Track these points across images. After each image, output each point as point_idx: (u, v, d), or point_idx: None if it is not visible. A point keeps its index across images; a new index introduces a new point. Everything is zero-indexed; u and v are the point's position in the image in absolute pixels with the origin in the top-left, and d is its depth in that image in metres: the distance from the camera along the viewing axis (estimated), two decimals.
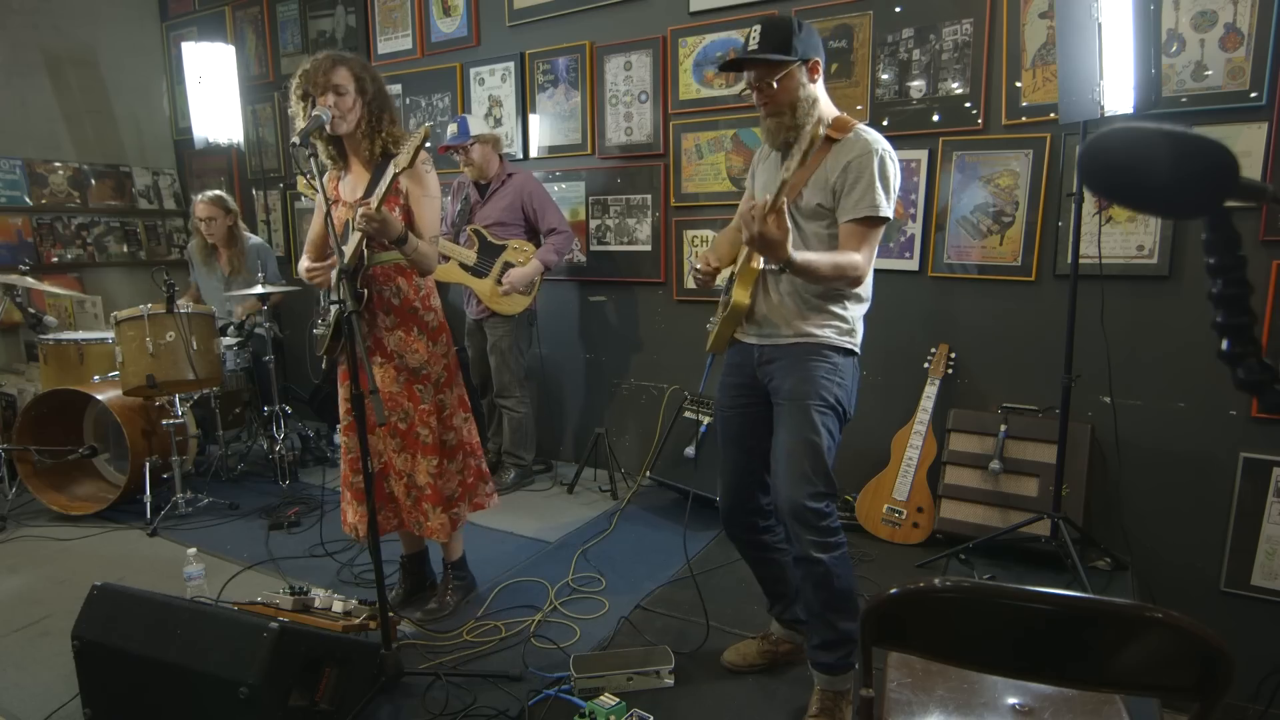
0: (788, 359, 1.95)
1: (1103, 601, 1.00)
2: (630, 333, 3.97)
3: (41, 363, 3.87)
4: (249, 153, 5.18)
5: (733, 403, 2.10)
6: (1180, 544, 2.77)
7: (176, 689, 1.80)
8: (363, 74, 2.27)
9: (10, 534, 3.31)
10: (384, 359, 2.35)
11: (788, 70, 1.83)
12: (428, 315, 2.38)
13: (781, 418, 1.95)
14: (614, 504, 3.60)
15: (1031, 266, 2.93)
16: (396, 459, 2.41)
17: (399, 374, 2.35)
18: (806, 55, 1.84)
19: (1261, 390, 0.71)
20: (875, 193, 1.81)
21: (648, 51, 3.64)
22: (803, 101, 1.86)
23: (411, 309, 2.35)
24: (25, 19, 4.71)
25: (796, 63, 1.83)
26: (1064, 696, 1.39)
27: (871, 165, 1.82)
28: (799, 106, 1.86)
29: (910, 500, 3.04)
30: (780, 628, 2.25)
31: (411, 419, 2.38)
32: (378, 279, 2.31)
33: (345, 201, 2.33)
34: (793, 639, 2.24)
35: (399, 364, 2.35)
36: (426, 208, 2.30)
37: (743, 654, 2.24)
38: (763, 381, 2.01)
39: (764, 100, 1.88)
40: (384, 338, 2.34)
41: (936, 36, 3.01)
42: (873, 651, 1.16)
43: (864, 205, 1.82)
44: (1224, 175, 0.67)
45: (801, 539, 1.85)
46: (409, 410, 2.37)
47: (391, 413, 2.36)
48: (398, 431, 2.38)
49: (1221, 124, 2.54)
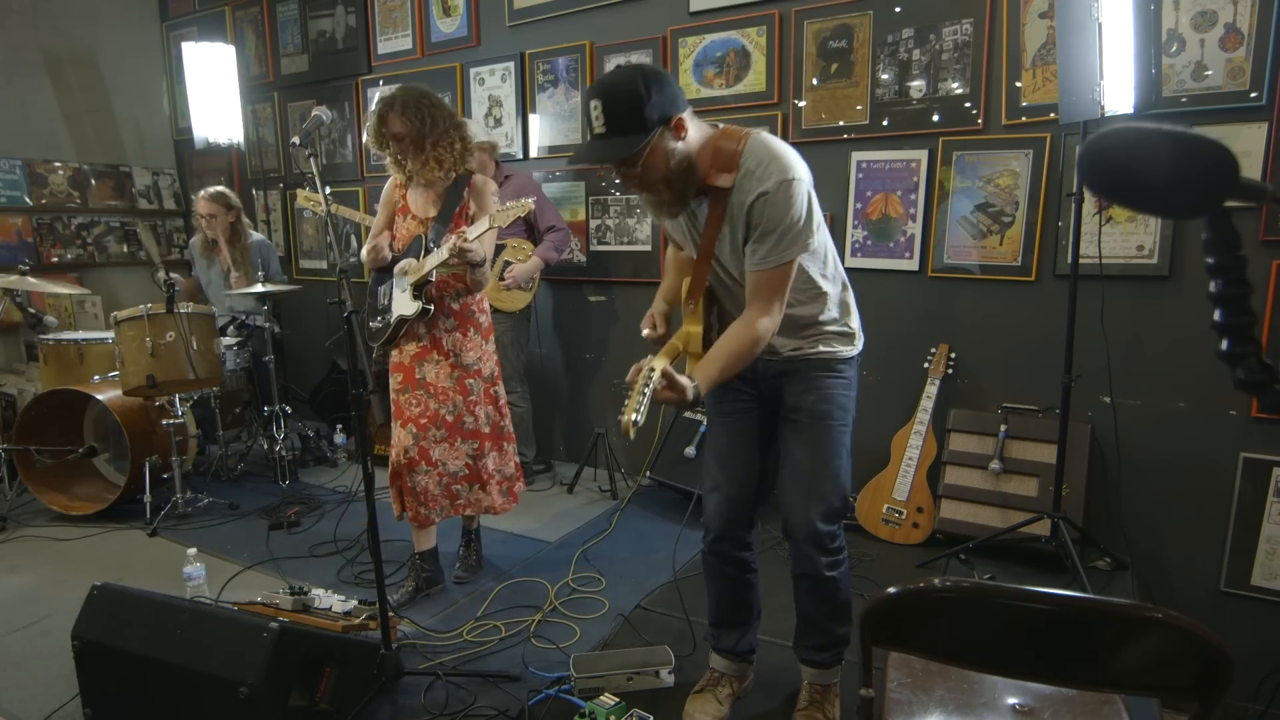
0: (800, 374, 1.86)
1: (1103, 601, 1.00)
2: (630, 333, 3.97)
3: (41, 363, 3.87)
4: (249, 153, 5.18)
5: (729, 408, 1.96)
6: (1180, 544, 2.77)
7: (176, 689, 1.81)
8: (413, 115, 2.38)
9: (10, 534, 3.31)
10: (440, 356, 2.57)
11: (648, 147, 1.57)
12: (481, 317, 2.64)
13: (798, 434, 1.85)
14: (614, 504, 3.60)
15: (1031, 266, 2.93)
16: (435, 449, 2.56)
17: (453, 370, 2.57)
18: (666, 116, 1.57)
19: (1261, 390, 0.71)
20: (788, 240, 1.63)
21: (648, 51, 3.64)
22: (674, 171, 1.62)
23: (469, 312, 2.60)
24: (25, 19, 4.71)
25: (655, 135, 1.57)
26: (1064, 696, 1.39)
27: (771, 208, 1.61)
28: (675, 178, 1.63)
29: (910, 500, 3.04)
30: (730, 663, 2.06)
31: (460, 411, 2.59)
32: (439, 285, 2.53)
33: (414, 215, 2.55)
34: (743, 672, 2.09)
35: (454, 361, 2.57)
36: (488, 238, 2.47)
37: (709, 713, 1.97)
38: (766, 391, 1.92)
39: (633, 182, 1.66)
40: (442, 338, 2.57)
41: (936, 36, 3.01)
42: (873, 651, 1.16)
43: (774, 257, 1.64)
44: (1224, 175, 0.67)
45: (813, 559, 1.83)
46: (459, 403, 2.58)
47: (441, 405, 2.56)
48: (444, 424, 2.57)
49: (1221, 124, 2.54)
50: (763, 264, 1.66)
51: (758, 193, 1.62)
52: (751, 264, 1.68)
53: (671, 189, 1.65)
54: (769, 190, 1.61)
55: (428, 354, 2.56)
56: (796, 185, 1.62)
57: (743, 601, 2.05)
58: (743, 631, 2.06)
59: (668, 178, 1.63)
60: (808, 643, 1.96)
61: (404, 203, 2.57)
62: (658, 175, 1.63)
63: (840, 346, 1.87)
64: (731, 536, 1.97)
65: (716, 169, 1.66)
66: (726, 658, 2.06)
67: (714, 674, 2.07)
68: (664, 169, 1.62)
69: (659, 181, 1.64)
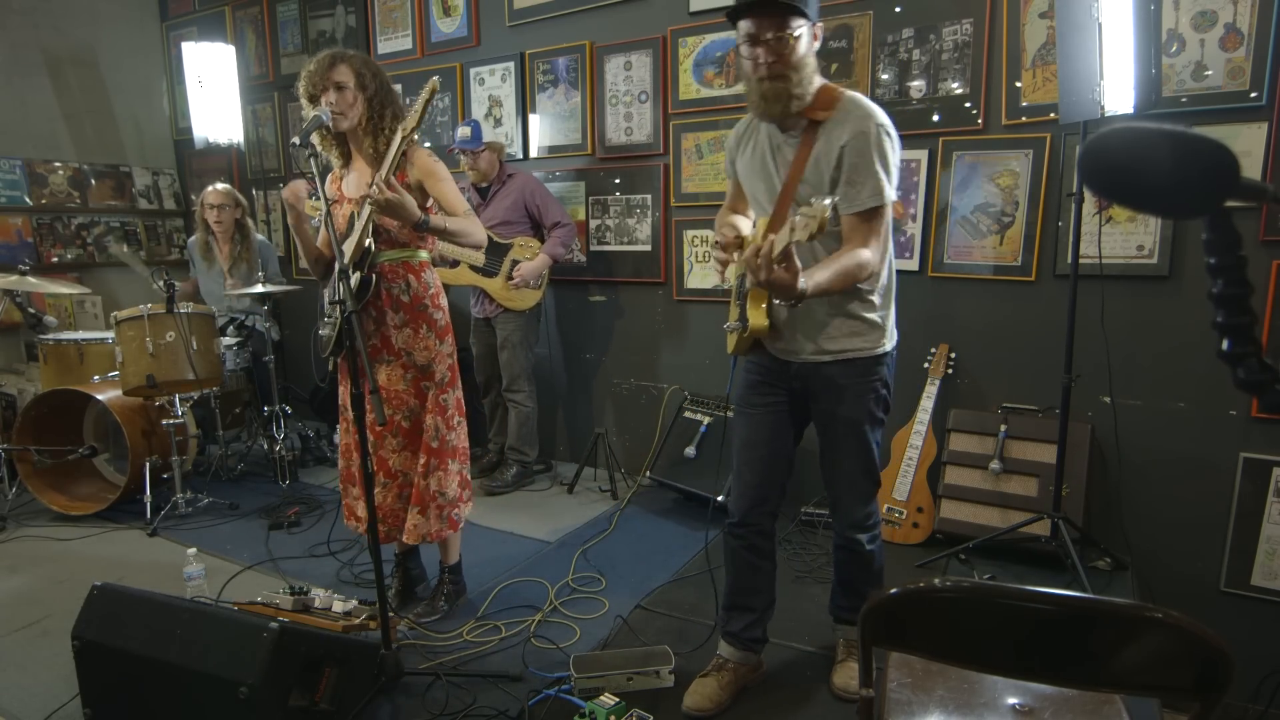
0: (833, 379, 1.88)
1: (1103, 601, 1.00)
2: (630, 333, 3.97)
3: (41, 363, 3.86)
4: (249, 153, 5.18)
5: (759, 400, 2.00)
6: (1180, 544, 2.77)
7: (176, 689, 1.80)
8: (363, 69, 2.24)
9: (10, 534, 3.31)
10: (391, 356, 2.34)
11: (799, 28, 1.65)
12: (436, 313, 2.38)
13: (836, 440, 1.96)
14: (614, 504, 3.60)
15: (1031, 266, 2.93)
16: (393, 459, 2.40)
17: (406, 371, 2.35)
18: (815, 18, 1.70)
19: (1261, 390, 0.71)
20: (877, 179, 1.68)
21: (648, 51, 3.64)
22: (806, 67, 1.69)
23: (420, 306, 2.34)
24: (25, 19, 4.71)
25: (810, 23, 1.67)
26: (1064, 696, 1.39)
27: (869, 148, 1.67)
28: (802, 71, 1.69)
29: (910, 500, 3.04)
30: (736, 650, 2.08)
31: (417, 417, 2.38)
32: (386, 276, 2.29)
33: (349, 198, 2.31)
34: (749, 660, 2.10)
35: (406, 361, 2.34)
36: (447, 189, 2.28)
37: (706, 695, 2.00)
38: (797, 388, 1.96)
39: (770, 58, 1.67)
40: (392, 335, 2.33)
41: (936, 36, 3.00)
42: (873, 651, 1.16)
43: (865, 196, 1.69)
44: (1224, 175, 0.67)
45: (854, 538, 2.03)
46: (414, 408, 2.37)
47: (396, 411, 2.35)
48: (400, 430, 2.38)
49: (1221, 124, 2.54)
50: (857, 205, 1.71)
51: (857, 130, 1.68)
52: (847, 207, 1.72)
53: (795, 82, 1.68)
54: (867, 131, 1.68)
55: (378, 354, 2.34)
56: (892, 135, 1.71)
57: (755, 588, 2.09)
58: (752, 617, 2.09)
59: (797, 66, 1.67)
60: (844, 603, 2.15)
61: (340, 194, 2.34)
62: (795, 61, 1.67)
63: (871, 344, 1.88)
64: (752, 523, 2.04)
65: (819, 102, 1.73)
66: (732, 644, 2.09)
67: (719, 660, 2.10)
68: (799, 56, 1.67)
69: (791, 68, 1.67)
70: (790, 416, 2.00)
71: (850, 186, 1.70)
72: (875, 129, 1.68)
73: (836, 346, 1.87)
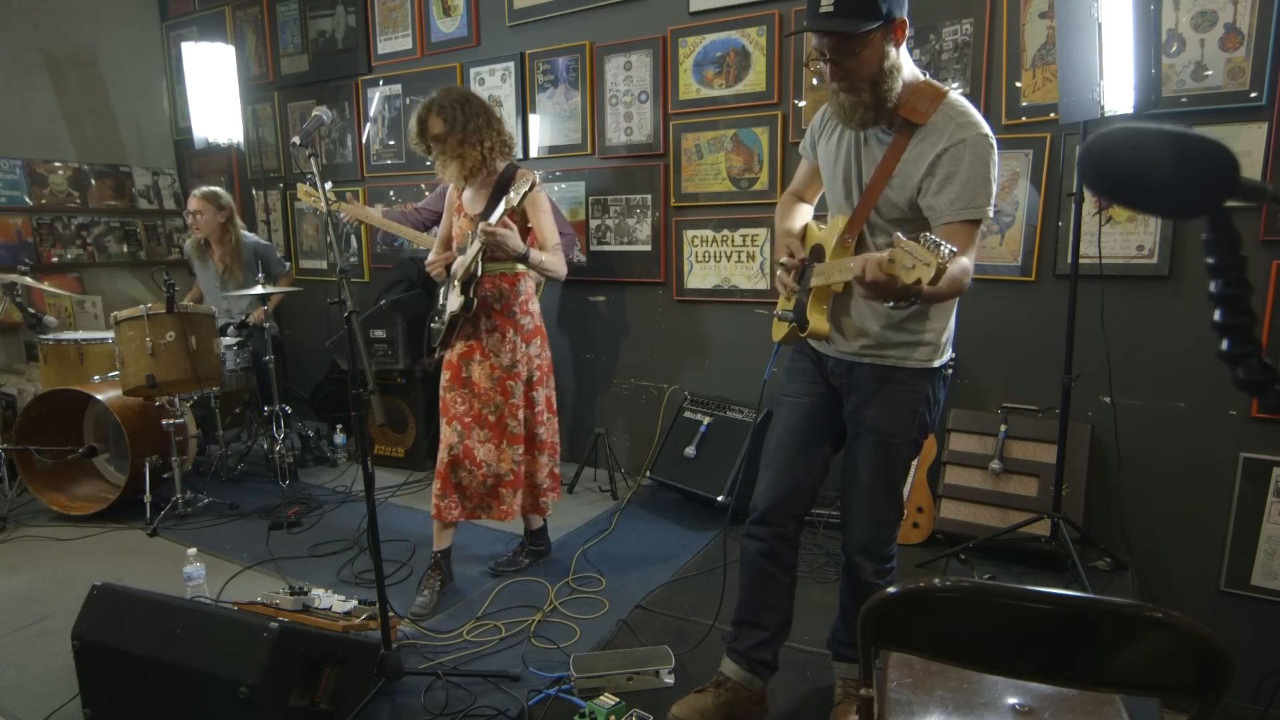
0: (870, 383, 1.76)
1: (1103, 601, 1.00)
2: (630, 333, 3.97)
3: (41, 363, 3.87)
4: (249, 153, 5.18)
5: (805, 390, 1.88)
6: (1180, 544, 2.77)
7: (176, 689, 1.80)
8: (451, 112, 2.46)
9: (10, 534, 3.31)
10: (482, 357, 2.60)
11: (869, 39, 1.50)
12: (524, 319, 2.64)
13: (862, 450, 1.80)
14: (614, 504, 3.60)
15: (1031, 266, 2.93)
16: (479, 449, 2.60)
17: (494, 371, 2.60)
18: (892, 15, 1.50)
19: (1261, 390, 0.71)
20: (977, 191, 1.54)
21: (648, 51, 3.64)
22: (886, 75, 1.55)
23: (510, 313, 2.61)
24: (25, 19, 4.71)
25: (879, 28, 1.50)
26: (1064, 696, 1.39)
27: (971, 158, 1.53)
28: (882, 82, 1.55)
29: (910, 500, 3.04)
30: (740, 670, 1.93)
31: (502, 412, 2.62)
32: (484, 285, 2.56)
33: (467, 214, 2.60)
34: (752, 685, 1.92)
35: (494, 362, 2.60)
36: (545, 222, 2.54)
37: (696, 709, 1.89)
38: (835, 385, 1.85)
39: (839, 75, 1.56)
40: (483, 338, 2.60)
41: (936, 36, 3.00)
42: (873, 651, 1.16)
43: (963, 207, 1.55)
44: (1224, 175, 0.67)
45: (865, 570, 1.85)
46: (500, 404, 2.62)
47: (484, 406, 2.60)
48: (487, 424, 2.61)
49: (1221, 124, 2.54)
50: (951, 215, 1.56)
51: (959, 138, 1.55)
52: (940, 213, 1.58)
53: (875, 93, 1.56)
54: (969, 139, 1.54)
55: (473, 354, 2.61)
56: (994, 147, 1.57)
57: (770, 604, 1.92)
58: (763, 636, 1.92)
59: (875, 78, 1.55)
60: (844, 638, 1.98)
61: (459, 202, 2.65)
62: (869, 72, 1.54)
63: (919, 359, 1.73)
64: (776, 523, 1.87)
65: (915, 102, 1.59)
66: (737, 661, 1.93)
67: (720, 677, 1.96)
68: (876, 67, 1.54)
69: (866, 80, 1.55)
70: (834, 412, 1.87)
71: (943, 195, 1.57)
72: (977, 138, 1.55)
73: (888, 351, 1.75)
